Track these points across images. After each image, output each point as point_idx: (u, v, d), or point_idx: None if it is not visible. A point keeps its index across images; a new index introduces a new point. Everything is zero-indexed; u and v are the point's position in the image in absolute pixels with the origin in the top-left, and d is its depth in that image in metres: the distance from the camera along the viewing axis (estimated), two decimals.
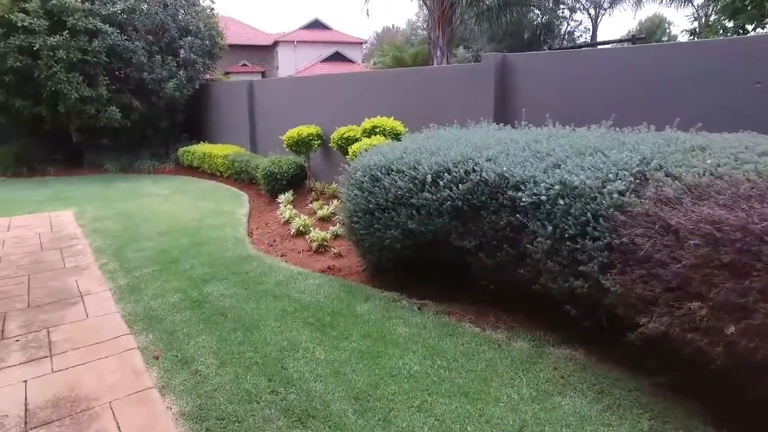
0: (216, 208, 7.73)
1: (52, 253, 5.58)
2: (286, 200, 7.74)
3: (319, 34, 43.63)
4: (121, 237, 6.14)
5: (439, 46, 19.35)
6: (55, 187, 9.91)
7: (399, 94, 6.85)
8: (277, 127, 9.78)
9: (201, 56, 12.42)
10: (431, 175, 3.87)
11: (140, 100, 11.82)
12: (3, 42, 9.96)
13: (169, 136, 13.14)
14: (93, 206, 8.00)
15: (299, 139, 7.58)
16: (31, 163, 11.76)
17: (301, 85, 9.12)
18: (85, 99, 10.74)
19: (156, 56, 11.68)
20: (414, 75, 6.75)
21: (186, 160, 11.76)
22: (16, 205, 8.22)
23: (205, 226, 6.62)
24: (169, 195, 8.85)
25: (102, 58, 10.76)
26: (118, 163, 12.14)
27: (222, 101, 12.34)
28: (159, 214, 7.37)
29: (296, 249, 5.83)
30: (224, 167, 10.39)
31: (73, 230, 6.54)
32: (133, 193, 9.07)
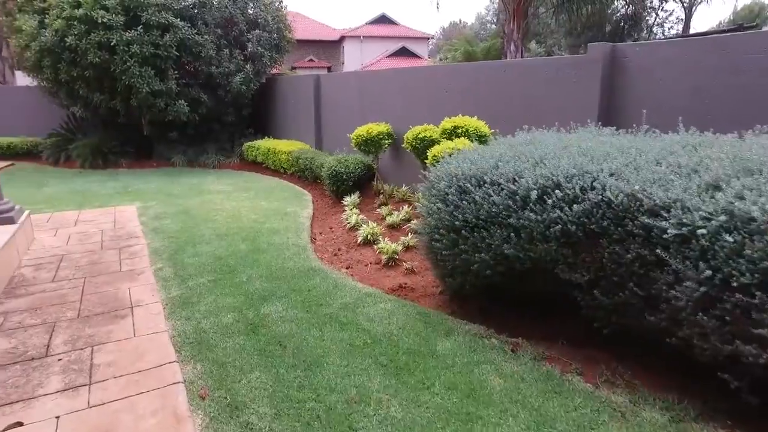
0: (278, 209, 7.32)
1: (111, 253, 5.32)
2: (351, 203, 7.21)
3: (386, 29, 43.22)
4: (179, 238, 5.82)
5: (513, 40, 18.25)
6: (124, 180, 9.95)
7: (481, 91, 6.10)
8: (344, 124, 9.30)
9: (268, 50, 12.17)
10: (536, 191, 3.13)
11: (208, 94, 11.74)
12: (85, 39, 10.10)
13: (235, 131, 13.04)
14: (156, 202, 7.83)
15: (369, 138, 7.00)
16: (105, 156, 12.00)
17: (370, 79, 8.56)
18: (156, 93, 10.75)
19: (224, 50, 11.54)
20: (499, 69, 5.98)
21: (250, 156, 11.56)
22: (87, 198, 8.23)
23: (265, 230, 6.19)
24: (231, 192, 8.57)
25: (172, 52, 10.72)
26: (184, 156, 12.15)
27: (288, 96, 12.04)
28: (219, 213, 7.05)
29: (363, 261, 5.25)
30: (288, 164, 10.04)
31: (134, 228, 6.32)
32: (196, 189, 8.88)
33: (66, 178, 10.51)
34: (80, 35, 10.14)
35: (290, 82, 12.22)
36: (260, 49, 11.94)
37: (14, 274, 4.73)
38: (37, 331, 3.59)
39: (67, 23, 10.15)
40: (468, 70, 6.47)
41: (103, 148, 12.07)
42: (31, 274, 4.74)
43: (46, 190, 9.02)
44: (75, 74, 10.67)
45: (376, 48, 41.78)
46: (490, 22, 35.35)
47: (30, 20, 10.79)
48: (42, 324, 3.70)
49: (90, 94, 11.00)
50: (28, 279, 4.61)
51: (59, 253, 5.32)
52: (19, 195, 8.44)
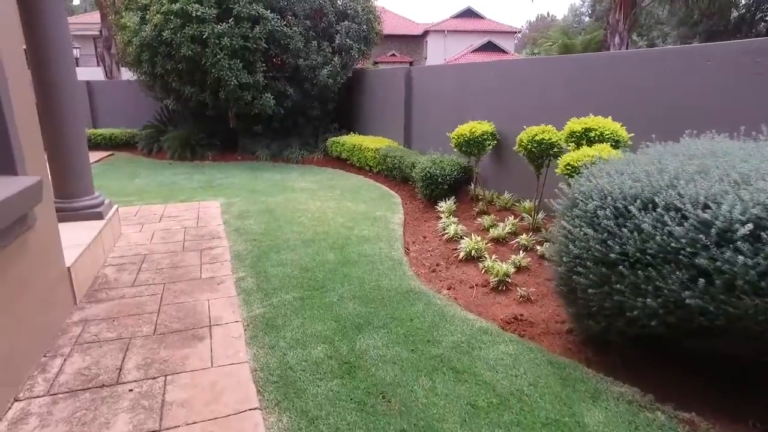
0: (366, 212, 6.73)
1: (192, 255, 4.97)
2: (447, 209, 6.47)
3: (471, 23, 41.87)
4: (262, 242, 5.38)
5: (618, 31, 16.58)
6: (210, 173, 9.88)
7: (609, 87, 5.10)
8: (437, 121, 8.56)
9: (357, 42, 11.68)
10: (747, 224, 2.23)
11: (293, 88, 11.47)
12: (180, 32, 10.14)
13: (319, 125, 12.72)
14: (239, 198, 7.54)
15: (471, 138, 6.21)
16: (193, 148, 12.14)
17: (471, 72, 7.74)
18: (243, 85, 10.61)
19: (312, 42, 11.19)
20: (638, 60, 4.95)
21: (335, 152, 11.15)
22: (173, 191, 8.14)
23: (354, 237, 5.61)
24: (316, 191, 8.12)
25: (261, 45, 10.51)
26: (268, 150, 11.99)
27: (375, 90, 11.49)
28: (304, 214, 6.58)
29: (467, 281, 4.50)
30: (374, 162, 9.48)
31: (216, 227, 5.99)
32: (280, 186, 8.53)
33: (156, 169, 10.65)
34: (176, 29, 10.18)
35: (378, 75, 11.66)
36: (349, 41, 11.47)
37: (98, 274, 4.47)
38: (111, 348, 3.20)
39: (165, 18, 10.24)
40: (596, 63, 5.48)
41: (192, 140, 12.21)
42: (113, 275, 4.46)
43: (137, 181, 9.10)
44: (169, 67, 10.79)
45: (459, 42, 40.62)
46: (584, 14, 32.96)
47: (133, 17, 11.05)
48: (117, 339, 3.31)
49: (182, 86, 11.09)
50: (110, 281, 4.32)
51: (142, 252, 5.05)
52: (114, 186, 8.53)
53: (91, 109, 15.19)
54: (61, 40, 4.71)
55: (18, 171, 2.96)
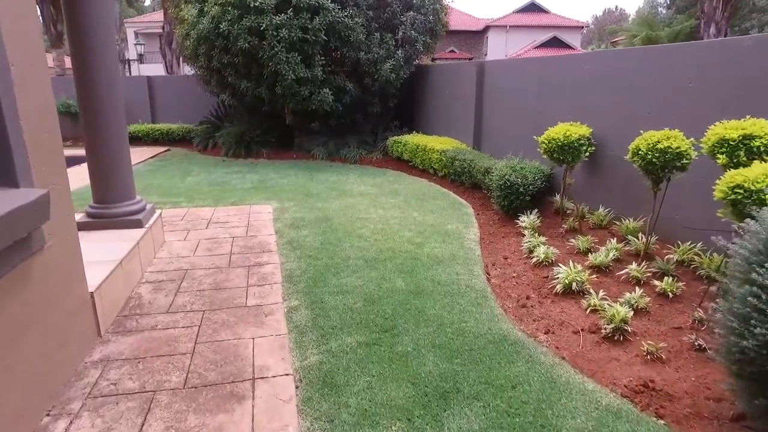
0: (435, 225, 5.87)
1: (239, 273, 4.29)
2: (530, 225, 5.51)
3: (535, 18, 39.97)
4: (318, 259, 4.64)
5: (714, 20, 14.81)
6: (263, 173, 9.32)
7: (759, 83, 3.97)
8: (513, 122, 7.57)
9: (422, 34, 10.80)
10: None
11: (353, 83, 10.75)
12: (237, 24, 9.65)
13: (379, 123, 11.95)
14: (293, 203, 6.87)
15: (566, 144, 5.18)
16: (248, 145, 11.69)
17: (556, 66, 6.68)
18: (300, 80, 9.99)
19: (374, 34, 10.41)
20: None
21: (395, 152, 10.34)
22: (224, 192, 7.60)
23: (425, 257, 4.76)
24: (377, 196, 7.33)
25: (320, 37, 9.84)
26: (325, 149, 11.35)
27: (440, 86, 10.57)
28: (365, 225, 5.79)
29: (569, 322, 3.55)
30: (440, 164, 8.59)
31: (267, 238, 5.31)
32: (337, 189, 7.81)
33: (209, 166, 10.23)
34: (233, 20, 9.69)
35: (445, 70, 10.74)
36: (414, 34, 10.61)
37: (132, 294, 3.86)
38: (130, 407, 2.52)
39: (222, 9, 9.78)
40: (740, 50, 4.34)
41: (246, 136, 11.76)
42: (148, 296, 3.84)
43: (189, 180, 8.66)
44: (226, 61, 10.34)
45: (521, 38, 38.88)
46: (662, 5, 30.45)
47: (192, 9, 10.70)
48: (139, 393, 2.63)
49: (238, 81, 10.63)
50: (143, 304, 3.69)
51: (183, 267, 4.42)
52: (165, 185, 8.11)
53: (150, 105, 15.16)
54: (101, 29, 4.13)
55: (19, 182, 2.31)
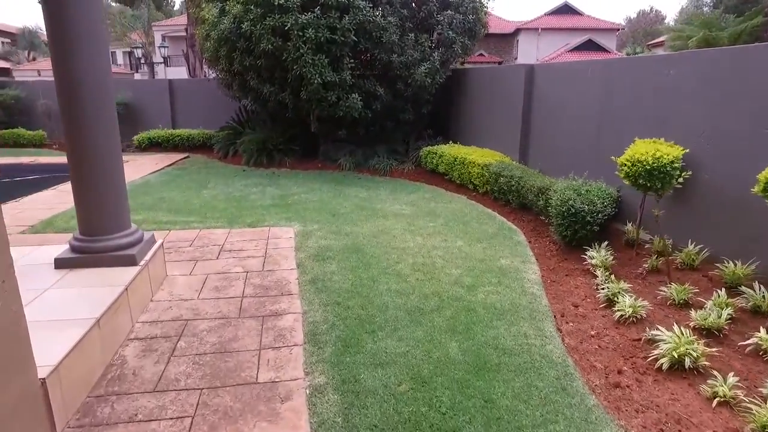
0: (486, 259, 4.92)
1: (250, 327, 3.43)
2: (601, 262, 4.54)
3: (568, 20, 38.59)
4: (349, 308, 3.75)
5: None
6: (285, 185, 8.50)
7: None
8: (569, 135, 6.58)
9: (460, 35, 9.86)
10: None
11: (384, 88, 9.87)
12: (260, 23, 8.89)
13: (411, 132, 11.04)
14: (318, 225, 6.01)
15: (656, 167, 4.16)
16: (270, 153, 10.92)
17: (630, 69, 5.63)
18: (328, 84, 9.16)
19: (408, 35, 9.51)
20: None
21: (429, 163, 9.41)
22: (242, 210, 6.79)
23: (480, 307, 3.82)
24: (413, 218, 6.42)
25: (350, 38, 9.00)
26: (352, 158, 10.49)
27: (480, 92, 9.61)
28: (403, 258, 4.88)
29: (689, 420, 2.58)
30: (481, 180, 7.64)
31: (287, 273, 4.44)
32: (367, 208, 6.92)
33: (228, 177, 9.48)
34: (255, 20, 8.93)
35: (487, 74, 9.79)
36: (451, 34, 9.68)
37: (113, 359, 3.03)
38: None
39: (245, 7, 9.04)
40: None
41: (269, 144, 10.99)
42: (134, 361, 3.00)
43: (204, 193, 7.89)
44: (248, 64, 9.60)
45: (553, 41, 37.58)
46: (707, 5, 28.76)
47: (213, 8, 10.01)
48: None
49: (260, 85, 9.87)
50: (125, 375, 2.86)
51: (184, 316, 3.59)
52: (178, 199, 7.36)
53: (171, 109, 14.58)
54: (84, 18, 3.33)
55: None
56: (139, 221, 6.14)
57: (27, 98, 14.74)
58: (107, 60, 3.54)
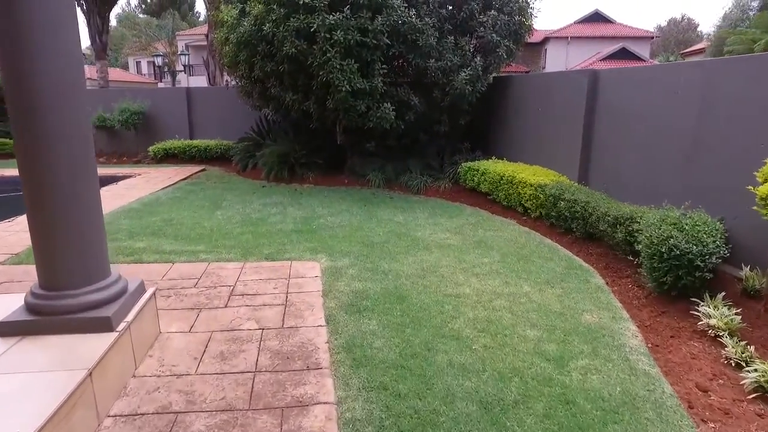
0: (565, 313, 3.84)
1: (264, 427, 2.41)
2: (725, 324, 3.42)
3: (599, 29, 37.28)
4: (400, 398, 2.71)
5: None
6: (310, 206, 7.53)
7: None
8: (647, 152, 5.49)
9: (504, 38, 8.82)
10: None
11: (418, 96, 8.88)
12: (283, 25, 8.02)
13: (446, 145, 10.01)
14: (349, 259, 5.00)
15: None
16: (292, 167, 10.01)
17: (749, 75, 4.50)
18: (357, 92, 8.20)
19: (447, 37, 8.51)
20: None
21: (469, 181, 8.36)
22: (258, 237, 5.83)
23: (581, 398, 2.75)
24: (461, 251, 5.36)
25: (383, 41, 8.04)
26: (381, 174, 9.50)
27: (529, 101, 8.54)
28: (459, 310, 3.84)
29: None
30: (534, 203, 6.57)
31: (314, 332, 3.43)
32: (406, 236, 5.90)
33: (246, 194, 8.57)
34: (278, 21, 8.06)
35: (535, 82, 8.75)
36: (495, 37, 8.65)
37: None
38: None
39: (266, 8, 8.19)
40: None
41: (291, 157, 10.08)
42: None
43: (218, 215, 6.96)
44: (269, 69, 8.73)
45: (583, 50, 36.29)
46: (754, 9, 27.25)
47: (232, 10, 9.19)
48: None
49: (282, 93, 8.99)
50: None
51: (173, 407, 2.60)
52: (187, 221, 6.44)
53: (188, 119, 13.83)
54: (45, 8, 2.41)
55: None
56: (139, 251, 5.22)
57: None
58: (76, 55, 2.60)
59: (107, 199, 7.98)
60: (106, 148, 13.96)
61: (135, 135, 13.49)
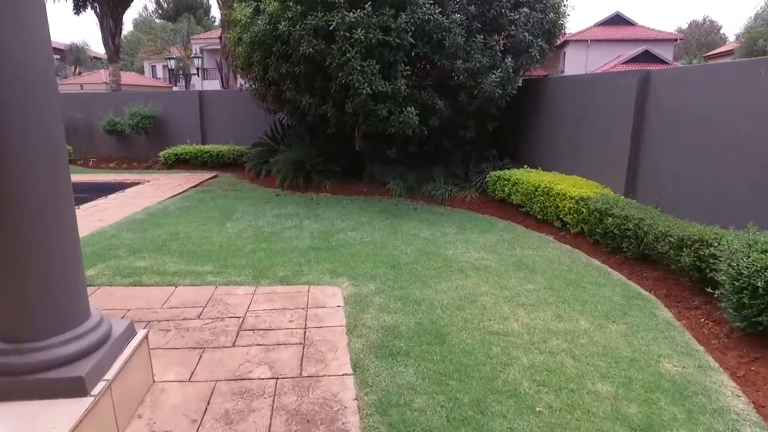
0: (640, 362, 3.18)
1: None
2: None
3: (620, 31, 36.36)
4: None
5: None
6: (328, 218, 6.94)
7: None
8: (710, 163, 4.79)
9: (537, 37, 8.17)
10: None
11: (444, 100, 8.27)
12: (300, 23, 7.46)
13: (472, 151, 9.38)
14: (375, 284, 4.39)
15: None
16: (308, 175, 9.44)
17: None
18: (378, 95, 7.61)
19: (476, 37, 7.89)
20: None
21: (498, 191, 7.72)
22: (273, 254, 5.26)
23: None
24: (501, 274, 4.73)
25: (407, 40, 7.45)
26: (403, 182, 8.90)
27: (565, 105, 7.88)
28: (510, 354, 3.21)
29: None
30: (575, 218, 5.91)
31: (338, 382, 2.83)
32: (435, 255, 5.27)
33: (259, 203, 8.02)
34: (295, 19, 7.52)
35: (573, 84, 8.09)
36: (527, 37, 8.01)
37: None
38: None
39: (282, 5, 7.65)
40: None
41: (306, 164, 9.52)
42: None
43: (228, 227, 6.41)
44: (284, 71, 8.20)
45: (603, 53, 35.44)
46: None
47: (246, 8, 8.68)
48: None
49: (298, 96, 8.45)
50: None
51: None
52: (195, 235, 5.90)
53: (201, 123, 13.37)
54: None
55: None
56: (140, 271, 4.67)
57: None
58: (45, 57, 2.03)
59: (112, 208, 7.48)
60: (116, 153, 13.57)
61: (146, 139, 13.07)
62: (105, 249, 5.34)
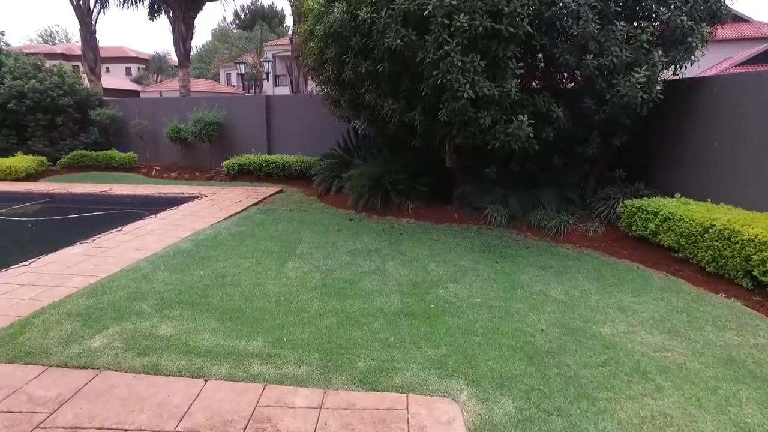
0: None
1: None
2: None
3: (735, 29, 32.16)
4: None
5: None
6: (417, 258, 5.34)
7: None
8: None
9: (699, 21, 6.15)
10: None
11: (563, 106, 6.43)
12: (385, 8, 5.95)
13: (590, 171, 7.44)
14: (513, 401, 2.71)
15: None
16: (387, 194, 7.91)
17: None
18: (481, 100, 5.93)
19: (614, 23, 6.00)
20: None
21: (637, 227, 5.78)
22: (347, 321, 3.72)
23: None
24: (711, 385, 2.90)
25: (522, 27, 5.70)
26: (504, 208, 7.14)
27: (745, 116, 5.77)
28: None
29: None
30: None
31: None
32: (586, 335, 3.51)
33: (329, 232, 6.58)
34: (380, 4, 6.03)
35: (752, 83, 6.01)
36: (686, 21, 6.01)
37: None
38: None
39: None
40: None
41: (386, 181, 7.99)
42: None
43: (288, 268, 4.97)
44: (363, 70, 6.75)
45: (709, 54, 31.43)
46: None
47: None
48: None
49: (379, 100, 6.96)
50: None
51: None
52: (245, 283, 4.49)
53: (267, 130, 12.28)
54: None
55: None
56: (160, 346, 3.26)
57: (123, 118, 13.27)
58: None
59: (157, 232, 6.30)
60: (180, 161, 12.77)
61: (209, 147, 12.15)
62: (128, 299, 4.03)
